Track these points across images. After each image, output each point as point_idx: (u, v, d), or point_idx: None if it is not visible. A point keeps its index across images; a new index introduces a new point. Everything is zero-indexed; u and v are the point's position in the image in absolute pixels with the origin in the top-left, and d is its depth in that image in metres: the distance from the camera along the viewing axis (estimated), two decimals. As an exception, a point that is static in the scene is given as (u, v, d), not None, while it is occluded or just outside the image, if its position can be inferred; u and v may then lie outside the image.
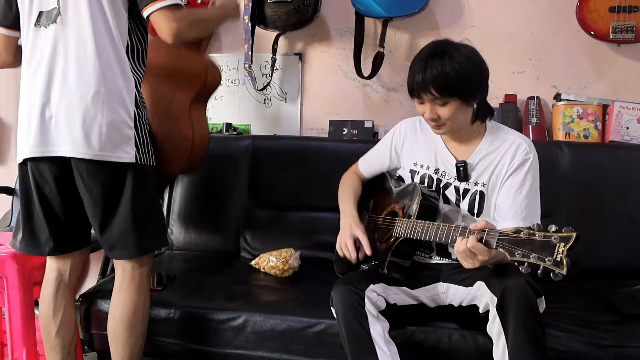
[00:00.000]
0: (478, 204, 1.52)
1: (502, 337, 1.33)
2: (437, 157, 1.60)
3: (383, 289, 1.48)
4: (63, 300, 1.58)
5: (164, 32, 1.41)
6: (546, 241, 1.15)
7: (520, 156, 1.48)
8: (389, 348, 1.40)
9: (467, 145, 1.56)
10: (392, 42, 2.47)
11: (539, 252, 1.15)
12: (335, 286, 1.48)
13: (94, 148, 1.38)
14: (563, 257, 1.12)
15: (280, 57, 2.54)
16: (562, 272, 1.12)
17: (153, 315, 1.66)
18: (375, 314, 1.42)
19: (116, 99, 1.41)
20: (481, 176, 1.53)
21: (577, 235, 1.13)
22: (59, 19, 1.42)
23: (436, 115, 1.46)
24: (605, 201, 2.01)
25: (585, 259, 1.97)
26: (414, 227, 1.46)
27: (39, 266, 1.71)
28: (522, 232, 1.20)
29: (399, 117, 1.77)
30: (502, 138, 1.53)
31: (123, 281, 1.51)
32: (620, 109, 2.20)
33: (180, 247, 2.27)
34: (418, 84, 1.42)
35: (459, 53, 1.42)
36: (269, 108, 2.62)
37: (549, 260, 1.13)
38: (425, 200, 1.51)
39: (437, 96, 1.42)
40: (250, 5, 2.37)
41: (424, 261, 1.62)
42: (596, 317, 1.61)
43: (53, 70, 1.41)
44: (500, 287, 1.33)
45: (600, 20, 2.17)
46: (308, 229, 2.18)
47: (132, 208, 1.44)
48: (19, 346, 1.64)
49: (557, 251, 1.13)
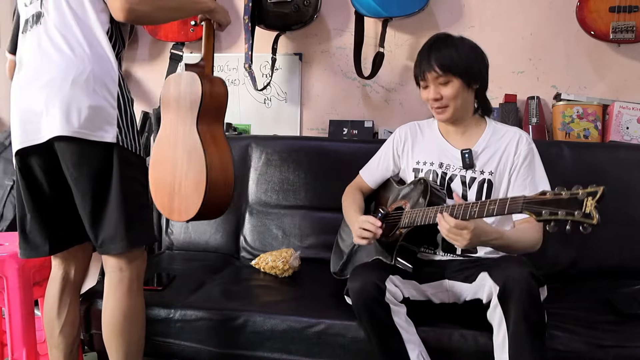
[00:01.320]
0: (486, 192, 1.57)
1: (503, 325, 1.34)
2: (440, 152, 1.65)
3: (399, 281, 1.49)
4: (68, 299, 1.57)
5: (115, 9, 1.37)
6: (573, 198, 1.16)
7: (524, 147, 1.58)
8: (411, 331, 1.46)
9: (469, 138, 1.63)
10: (392, 42, 2.47)
11: (567, 207, 1.15)
12: (353, 278, 1.47)
13: (74, 126, 1.35)
14: (592, 209, 1.12)
15: (280, 57, 2.54)
16: (593, 222, 1.12)
17: (153, 315, 1.67)
18: (395, 303, 1.44)
19: (98, 81, 1.38)
20: (487, 165, 1.59)
21: (603, 189, 1.13)
22: (42, 19, 1.43)
23: (439, 95, 1.56)
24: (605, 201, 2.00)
25: (585, 259, 1.98)
26: (425, 213, 1.46)
27: (39, 266, 1.72)
28: (547, 194, 1.21)
29: (399, 117, 1.78)
30: (502, 130, 1.63)
31: (110, 284, 1.47)
32: (620, 109, 2.20)
33: (180, 247, 2.27)
34: (423, 64, 1.56)
35: (462, 41, 1.58)
36: (269, 108, 2.62)
37: (578, 213, 1.13)
38: (434, 191, 1.53)
39: (440, 73, 1.53)
40: (250, 5, 2.37)
41: (428, 258, 1.63)
42: (596, 317, 1.61)
43: (34, 64, 1.41)
44: (503, 276, 1.34)
45: (600, 20, 2.17)
46: (308, 229, 2.18)
47: (121, 198, 1.41)
48: (19, 346, 1.64)
49: (585, 204, 1.13)
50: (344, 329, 1.56)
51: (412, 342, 1.43)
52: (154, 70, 2.69)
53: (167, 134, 1.67)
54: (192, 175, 1.57)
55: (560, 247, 1.97)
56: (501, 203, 1.28)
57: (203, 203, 1.55)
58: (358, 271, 1.50)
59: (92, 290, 1.80)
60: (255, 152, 2.28)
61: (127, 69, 2.69)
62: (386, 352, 1.44)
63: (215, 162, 1.57)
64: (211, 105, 1.61)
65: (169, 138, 1.66)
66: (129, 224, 1.42)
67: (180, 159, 1.61)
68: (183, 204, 1.60)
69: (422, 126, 1.75)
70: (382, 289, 1.42)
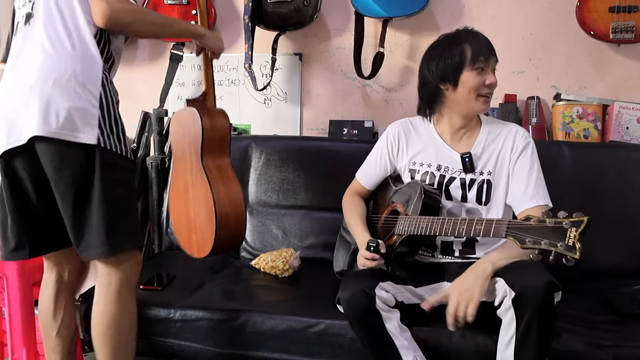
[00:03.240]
0: (486, 193, 1.55)
1: (512, 326, 1.32)
2: (438, 154, 1.62)
3: (391, 287, 1.48)
4: (63, 301, 1.56)
5: (95, 13, 1.36)
6: (557, 227, 1.15)
7: (521, 140, 1.56)
8: (405, 336, 1.44)
9: (466, 139, 1.61)
10: (392, 42, 2.47)
11: (551, 237, 1.15)
12: (344, 287, 1.47)
13: (52, 126, 1.31)
14: (575, 242, 1.12)
15: (280, 57, 2.54)
16: (575, 256, 1.11)
17: (153, 315, 1.67)
18: (386, 309, 1.43)
19: (79, 82, 1.35)
20: (486, 165, 1.57)
21: (588, 220, 1.13)
22: (31, 19, 1.41)
23: (496, 81, 1.54)
24: (605, 201, 2.01)
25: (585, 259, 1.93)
26: (417, 223, 1.46)
27: (39, 266, 1.71)
28: (532, 220, 1.20)
29: (398, 117, 1.77)
30: (499, 127, 1.61)
31: (100, 288, 1.45)
32: (620, 109, 2.20)
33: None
34: (483, 49, 1.51)
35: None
36: (269, 108, 2.62)
37: (561, 245, 1.13)
38: (428, 197, 1.51)
39: (497, 59, 1.54)
40: (250, 5, 2.37)
41: (427, 260, 1.62)
42: (596, 317, 1.61)
43: (20, 65, 1.40)
44: (520, 282, 1.31)
45: (600, 20, 2.17)
46: (308, 228, 2.18)
47: (102, 202, 1.36)
48: (19, 346, 1.64)
49: (569, 236, 1.13)
50: (344, 329, 1.55)
51: (405, 348, 1.42)
52: (154, 70, 2.68)
53: (178, 173, 1.71)
54: (204, 212, 1.60)
55: (560, 247, 1.97)
56: (487, 225, 1.29)
57: (216, 238, 1.58)
58: (348, 280, 1.50)
59: (92, 291, 1.79)
60: (255, 152, 2.28)
61: (127, 69, 2.69)
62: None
63: (223, 197, 1.60)
64: (213, 139, 1.63)
65: (181, 176, 1.69)
66: (111, 229, 1.37)
67: (192, 197, 1.65)
68: (200, 241, 1.64)
69: (415, 123, 1.70)
70: (372, 296, 1.41)
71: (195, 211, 1.63)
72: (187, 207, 1.66)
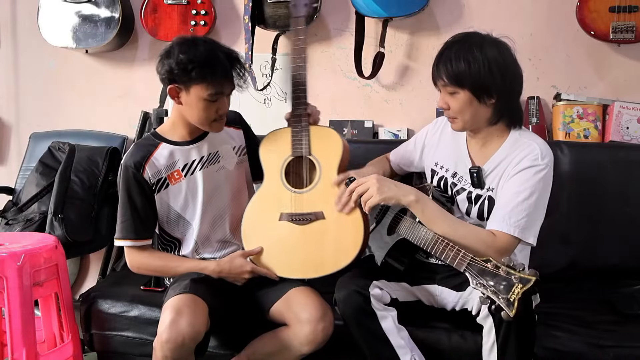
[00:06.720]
0: (487, 209, 1.47)
1: (492, 334, 1.33)
2: (458, 161, 1.56)
3: (385, 285, 1.48)
4: None
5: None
6: (508, 278, 1.15)
7: (529, 159, 1.40)
8: (402, 335, 1.43)
9: (486, 150, 1.50)
10: (392, 42, 2.47)
11: (497, 287, 1.15)
12: (338, 288, 1.47)
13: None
14: (516, 299, 1.12)
15: (280, 57, 2.54)
16: (510, 314, 1.12)
17: (153, 316, 1.66)
18: (381, 308, 1.43)
19: None
20: (494, 181, 1.47)
21: (536, 280, 1.13)
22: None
23: (446, 105, 1.44)
24: (605, 201, 2.01)
25: (585, 259, 1.98)
26: (414, 232, 1.44)
27: (40, 266, 1.71)
28: (490, 263, 1.20)
29: (399, 117, 1.78)
30: (522, 145, 1.44)
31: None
32: (620, 109, 2.20)
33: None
34: (433, 68, 1.44)
35: (482, 47, 1.39)
36: (269, 108, 2.62)
37: (502, 298, 1.13)
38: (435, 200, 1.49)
39: (446, 82, 1.41)
40: (250, 5, 2.37)
41: (422, 261, 1.62)
42: (596, 317, 1.62)
43: None
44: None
45: (600, 20, 2.17)
46: (308, 229, 2.17)
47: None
48: (19, 346, 1.63)
49: (512, 291, 1.13)
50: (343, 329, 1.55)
51: (402, 347, 1.41)
52: (154, 70, 2.66)
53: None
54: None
55: (560, 246, 1.97)
56: (455, 253, 1.29)
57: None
58: (342, 281, 1.50)
59: (92, 290, 1.80)
60: (255, 152, 2.27)
61: (127, 69, 2.69)
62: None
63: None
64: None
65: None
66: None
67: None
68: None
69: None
70: (367, 296, 1.41)
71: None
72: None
